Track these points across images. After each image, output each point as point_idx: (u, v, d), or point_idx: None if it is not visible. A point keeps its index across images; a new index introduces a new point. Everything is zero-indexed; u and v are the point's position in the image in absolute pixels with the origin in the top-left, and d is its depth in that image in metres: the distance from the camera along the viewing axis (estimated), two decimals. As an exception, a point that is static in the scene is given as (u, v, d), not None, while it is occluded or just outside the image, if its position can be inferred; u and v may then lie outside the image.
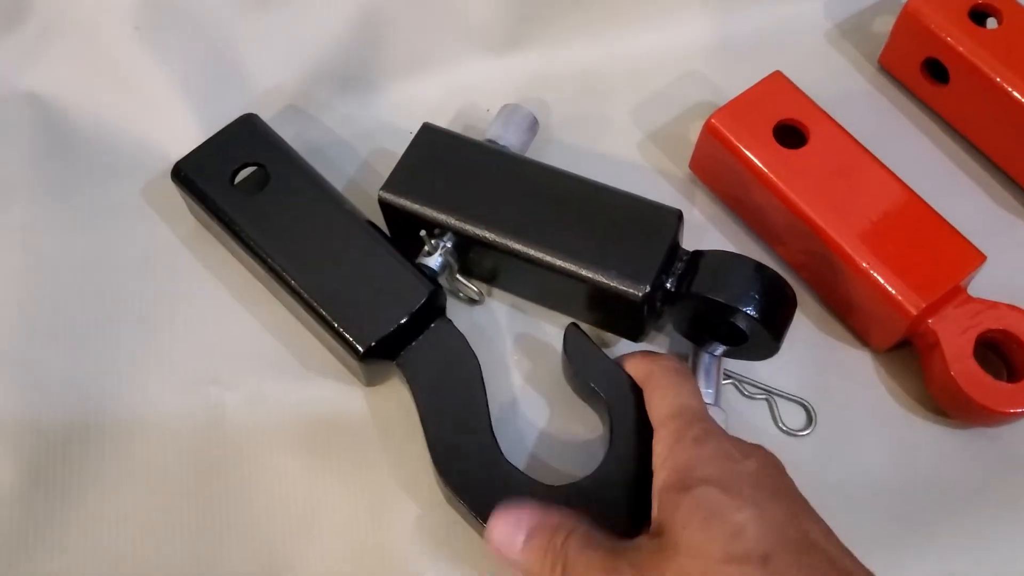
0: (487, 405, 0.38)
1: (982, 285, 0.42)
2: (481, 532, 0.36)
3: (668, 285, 0.38)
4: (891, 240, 0.40)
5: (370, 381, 0.41)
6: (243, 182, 0.42)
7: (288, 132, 0.46)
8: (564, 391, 0.41)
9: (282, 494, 0.40)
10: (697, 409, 0.35)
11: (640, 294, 0.37)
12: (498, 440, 0.38)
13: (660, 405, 0.35)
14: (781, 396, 0.42)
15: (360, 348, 0.38)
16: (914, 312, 0.39)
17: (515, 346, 0.43)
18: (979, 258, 0.40)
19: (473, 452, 0.37)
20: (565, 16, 0.49)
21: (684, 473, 0.32)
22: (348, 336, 0.38)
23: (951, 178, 0.47)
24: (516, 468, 0.37)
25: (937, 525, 0.39)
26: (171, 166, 0.43)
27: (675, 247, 0.39)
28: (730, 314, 0.37)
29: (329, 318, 0.39)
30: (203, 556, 0.39)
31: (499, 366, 0.42)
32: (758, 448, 0.34)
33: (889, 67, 0.49)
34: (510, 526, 0.33)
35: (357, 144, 0.47)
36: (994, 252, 0.44)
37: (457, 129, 0.47)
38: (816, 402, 0.42)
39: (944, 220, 0.41)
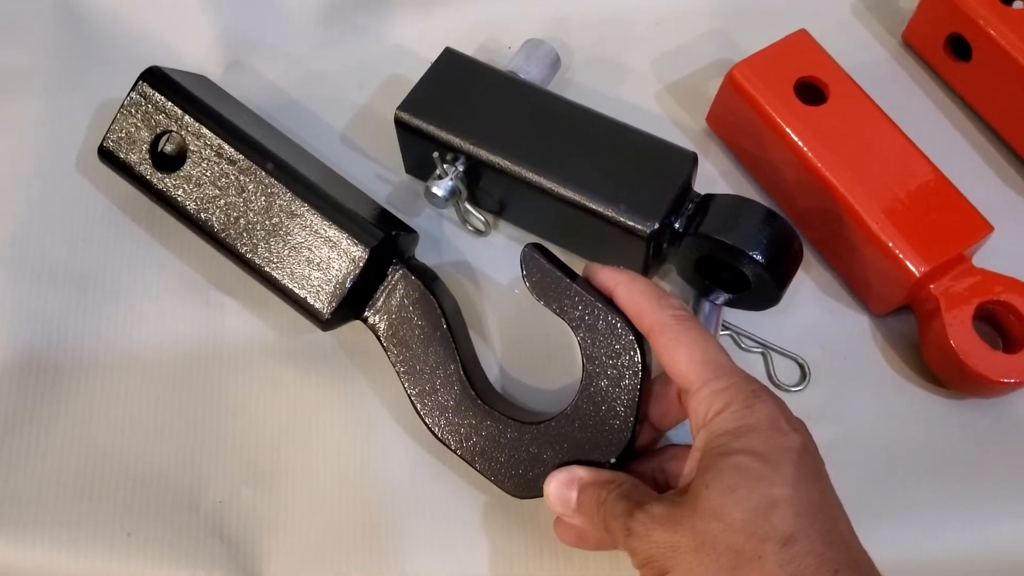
0: (456, 350, 0.38)
1: (986, 259, 0.43)
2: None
3: (676, 225, 0.38)
4: (901, 202, 0.40)
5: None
6: (165, 155, 0.41)
7: (304, 49, 0.46)
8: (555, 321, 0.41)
9: (274, 405, 0.40)
10: (733, 367, 0.33)
11: (648, 230, 0.37)
12: (487, 375, 0.39)
13: (687, 360, 0.33)
14: (777, 351, 0.42)
15: (323, 319, 0.38)
16: (917, 274, 0.39)
17: (516, 281, 0.43)
18: (986, 228, 0.40)
19: (449, 398, 0.37)
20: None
21: (727, 440, 0.30)
22: (305, 309, 0.38)
23: (963, 156, 0.47)
24: (492, 410, 0.37)
25: (921, 491, 0.40)
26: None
27: (687, 188, 0.39)
28: (736, 257, 0.37)
29: (286, 290, 0.38)
30: (192, 457, 0.39)
31: (499, 300, 0.42)
32: (802, 423, 0.32)
33: (912, 43, 0.49)
34: (563, 485, 0.34)
35: (378, 68, 0.47)
36: (1000, 229, 0.44)
37: (479, 63, 0.48)
38: (812, 361, 0.42)
39: (955, 188, 0.41)
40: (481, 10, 0.49)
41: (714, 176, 0.46)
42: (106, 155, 0.41)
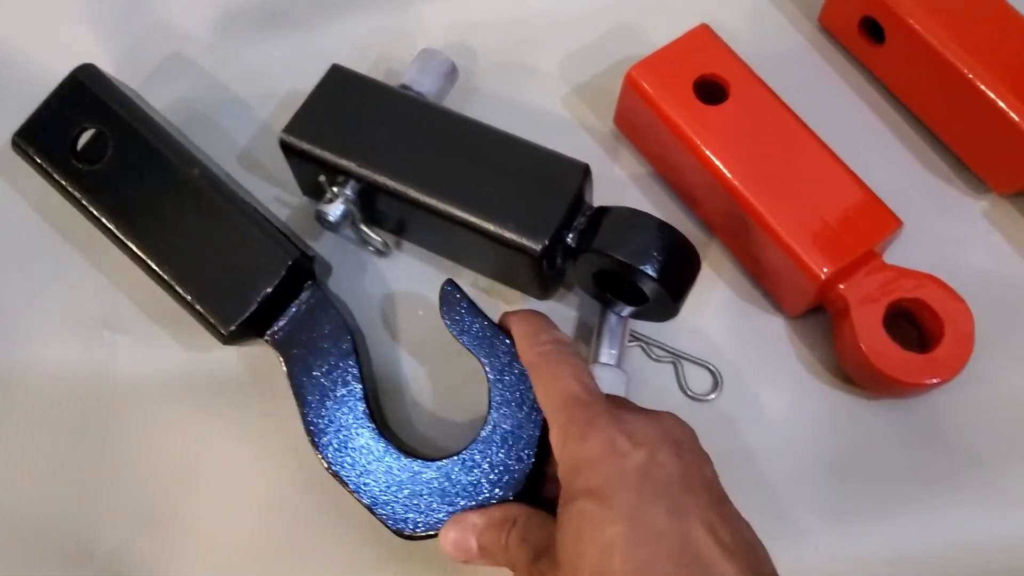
0: (362, 377, 0.37)
1: (905, 251, 0.42)
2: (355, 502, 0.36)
3: (569, 240, 0.37)
4: (804, 202, 0.39)
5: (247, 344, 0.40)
6: (86, 151, 0.39)
7: (200, 70, 0.45)
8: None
9: (168, 447, 0.39)
10: (579, 395, 0.31)
11: (538, 248, 0.36)
12: (386, 403, 0.38)
13: (544, 399, 0.32)
14: (689, 360, 0.41)
15: (223, 332, 0.37)
16: (822, 276, 0.37)
17: (420, 302, 0.42)
18: (894, 224, 0.39)
19: (348, 429, 0.36)
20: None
21: (569, 480, 0.30)
22: (209, 320, 0.37)
23: (883, 141, 0.46)
24: (393, 446, 0.36)
25: (839, 494, 0.39)
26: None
27: (578, 202, 0.37)
28: (629, 272, 0.36)
29: (189, 300, 0.37)
30: (85, 504, 0.38)
31: (401, 322, 0.41)
32: (657, 422, 0.31)
33: (828, 26, 0.47)
34: (461, 532, 0.33)
35: (275, 84, 0.46)
36: (920, 217, 0.43)
37: (379, 74, 0.46)
38: (726, 367, 0.41)
39: (862, 183, 0.39)
40: (383, 19, 0.47)
41: (623, 180, 0.45)
42: (23, 141, 0.40)
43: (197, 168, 0.39)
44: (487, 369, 0.36)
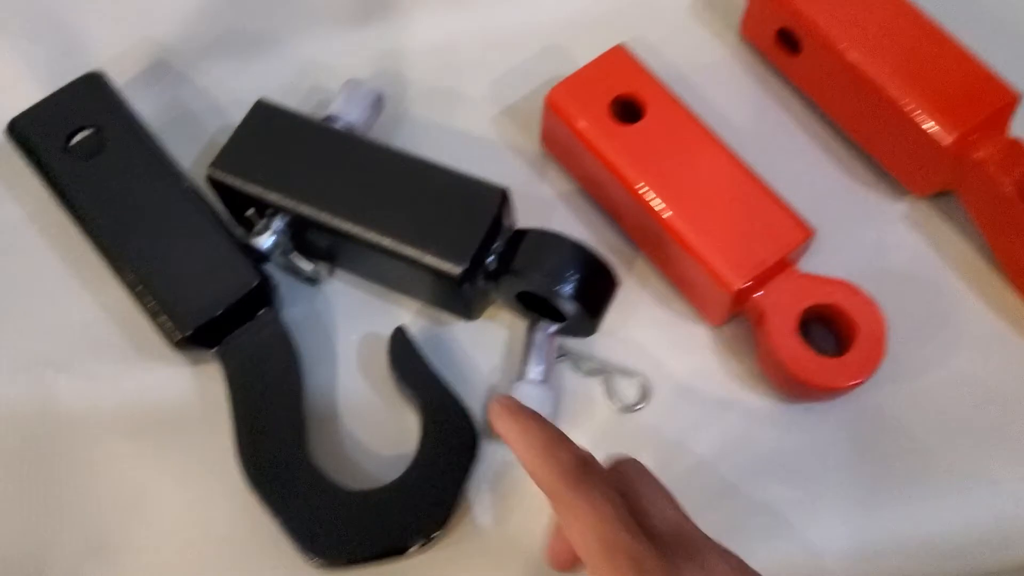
0: (301, 405, 0.38)
1: (828, 256, 0.43)
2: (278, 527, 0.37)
3: (489, 264, 0.38)
4: (718, 215, 0.40)
5: (194, 360, 0.41)
6: (79, 146, 0.42)
7: (146, 95, 0.46)
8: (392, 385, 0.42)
9: (114, 479, 0.40)
10: (626, 543, 0.27)
11: (458, 272, 0.37)
12: (314, 432, 0.39)
13: (579, 539, 0.28)
14: (617, 372, 0.42)
15: (175, 335, 0.38)
16: (735, 286, 0.39)
17: (356, 330, 0.43)
18: (804, 233, 0.40)
19: (280, 454, 0.38)
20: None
21: None
22: (166, 320, 0.38)
23: (804, 149, 0.47)
24: (319, 471, 0.37)
25: (766, 500, 0.40)
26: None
27: (497, 226, 0.38)
28: (547, 292, 0.38)
29: (149, 298, 0.39)
30: (32, 538, 0.39)
31: (336, 350, 0.42)
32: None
33: (749, 37, 0.48)
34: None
35: (206, 118, 0.47)
36: (842, 222, 0.45)
37: (310, 105, 0.47)
38: (654, 377, 0.42)
39: (773, 195, 0.40)
40: (312, 50, 0.48)
41: (552, 199, 0.46)
42: (22, 125, 0.42)
43: (186, 181, 0.41)
44: (422, 411, 0.38)
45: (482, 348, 0.42)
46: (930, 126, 0.41)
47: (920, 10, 0.44)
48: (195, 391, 0.42)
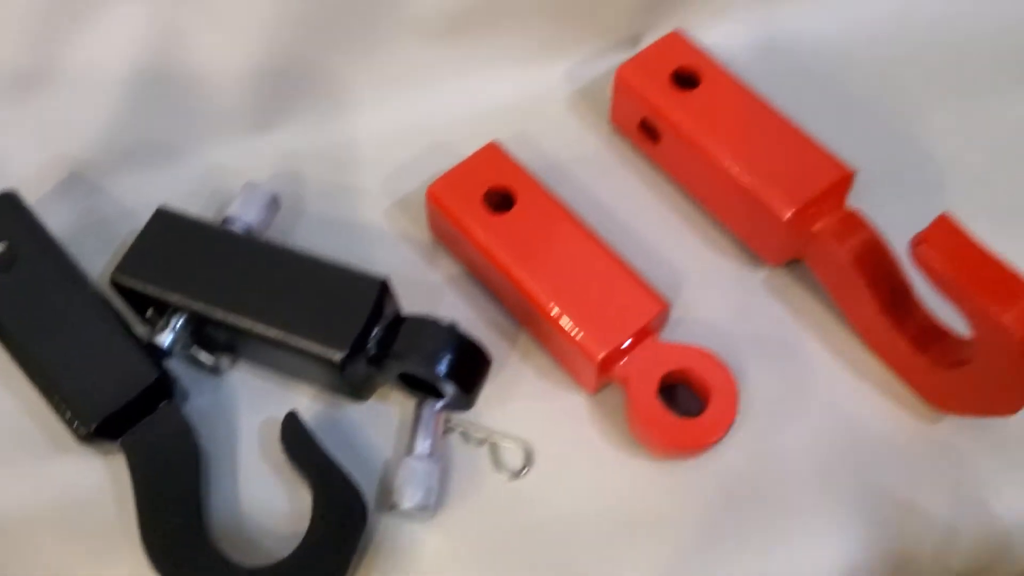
0: (199, 490, 0.41)
1: (693, 324, 0.47)
2: None
3: (370, 349, 0.42)
4: (582, 293, 0.44)
5: (105, 452, 0.44)
6: None
7: (61, 205, 0.50)
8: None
9: (28, 566, 0.42)
10: None
11: (339, 358, 0.41)
12: (216, 513, 0.42)
13: None
14: (502, 440, 0.45)
15: (80, 430, 0.41)
16: (598, 356, 0.42)
17: (257, 415, 0.46)
18: (660, 306, 0.44)
19: (181, 536, 0.40)
20: (317, 96, 0.53)
21: None
22: (72, 417, 0.41)
23: (671, 226, 0.51)
24: (220, 552, 0.40)
25: (640, 555, 0.43)
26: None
27: (377, 313, 0.42)
28: (424, 373, 0.41)
29: (56, 398, 0.42)
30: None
31: (239, 435, 0.45)
32: None
33: (618, 127, 0.53)
34: None
35: (119, 223, 0.50)
36: (706, 292, 0.49)
37: (214, 206, 0.51)
38: (536, 444, 0.45)
39: (631, 272, 0.44)
40: (214, 156, 0.52)
41: (441, 283, 0.49)
42: None
43: (91, 288, 0.45)
44: (313, 489, 0.41)
45: (375, 427, 0.46)
46: (772, 202, 0.45)
47: (764, 99, 0.49)
48: (108, 480, 0.44)
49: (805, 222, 0.45)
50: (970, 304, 0.38)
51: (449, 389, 0.41)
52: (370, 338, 0.42)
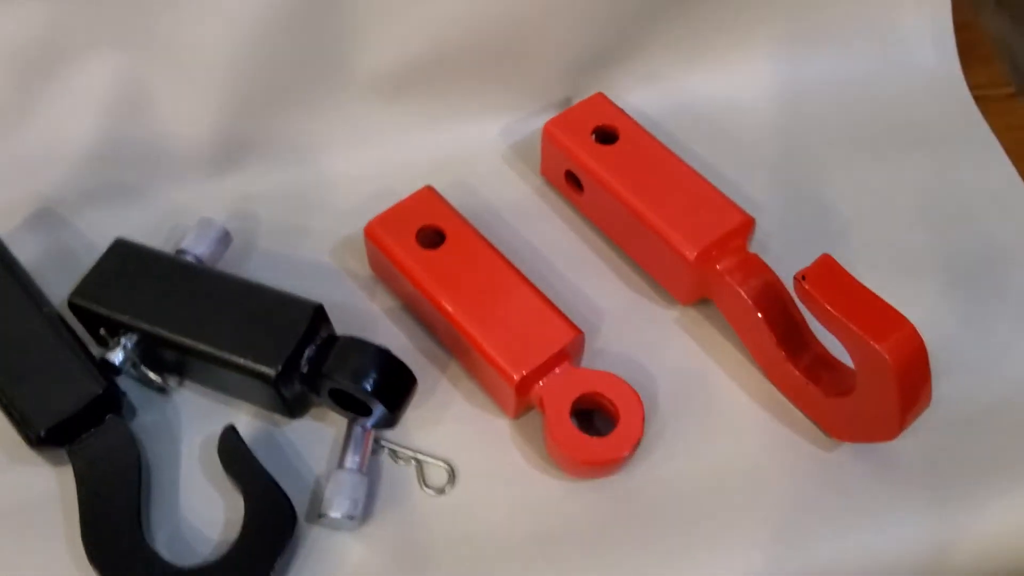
0: (139, 497, 0.44)
1: (609, 356, 0.51)
2: None
3: (303, 366, 0.45)
4: (502, 321, 0.48)
5: (54, 461, 0.47)
6: None
7: (30, 236, 0.54)
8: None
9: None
10: None
11: (273, 373, 0.44)
12: (156, 519, 0.46)
13: None
14: (427, 459, 0.49)
15: (31, 435, 0.44)
16: (516, 377, 0.46)
17: (200, 432, 0.49)
18: (574, 332, 0.48)
19: (119, 537, 0.43)
20: (272, 144, 0.58)
21: None
22: (22, 423, 0.44)
23: (593, 268, 0.55)
24: (156, 553, 0.43)
25: (554, 568, 0.46)
26: None
27: (310, 334, 0.46)
28: (352, 389, 0.45)
29: (9, 406, 0.45)
30: None
31: (181, 449, 0.49)
32: None
33: (547, 177, 0.58)
34: None
35: (83, 255, 0.53)
36: (623, 327, 0.53)
37: (173, 241, 0.55)
38: (461, 464, 0.49)
39: (549, 303, 0.49)
40: (175, 196, 0.57)
41: (379, 314, 0.53)
42: None
43: (48, 307, 0.48)
44: (245, 496, 0.45)
45: (309, 445, 0.49)
46: (679, 244, 0.50)
47: (675, 154, 0.54)
48: (57, 487, 0.47)
49: (709, 262, 0.50)
50: (849, 335, 0.43)
51: (375, 404, 0.45)
52: (303, 357, 0.45)
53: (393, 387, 0.45)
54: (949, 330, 0.53)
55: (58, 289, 0.51)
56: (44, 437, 0.44)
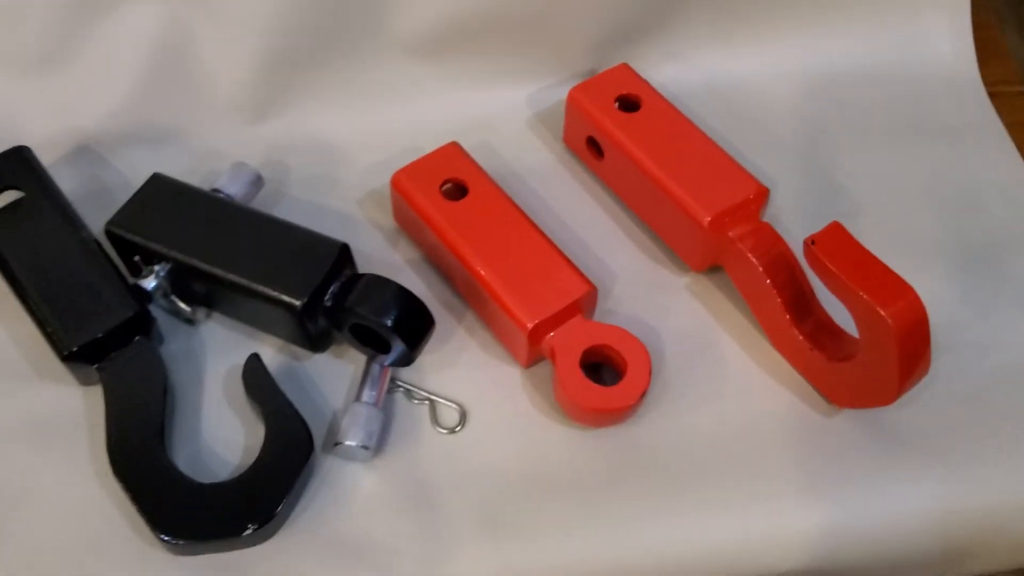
0: (163, 413, 0.46)
1: (621, 318, 0.53)
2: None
3: (327, 300, 0.47)
4: (519, 272, 0.50)
5: (82, 381, 0.49)
6: (4, 205, 0.51)
7: (70, 171, 0.56)
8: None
9: (1, 478, 0.47)
10: None
11: (299, 304, 0.46)
12: (178, 438, 0.48)
13: None
14: (440, 401, 0.50)
15: (63, 349, 0.46)
16: (529, 325, 0.48)
17: (224, 363, 0.51)
18: (587, 286, 0.49)
19: (142, 451, 0.45)
20: (306, 96, 0.60)
21: None
22: (56, 338, 0.47)
23: (610, 232, 0.57)
24: (176, 468, 0.45)
25: (557, 509, 0.47)
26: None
27: (336, 271, 0.48)
28: (373, 323, 0.46)
29: (47, 321, 0.47)
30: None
31: (205, 377, 0.51)
32: None
33: (569, 144, 0.60)
34: None
35: (119, 192, 0.56)
36: (636, 291, 0.55)
37: (205, 186, 0.57)
38: (472, 408, 0.50)
39: (565, 258, 0.50)
40: (211, 141, 0.59)
41: (401, 264, 0.55)
42: None
43: (86, 232, 0.50)
44: (265, 420, 0.47)
45: (329, 380, 0.51)
46: (694, 209, 0.52)
47: (695, 122, 0.56)
48: (83, 406, 0.49)
49: (722, 228, 0.52)
50: (855, 299, 0.44)
51: (395, 340, 0.47)
52: (328, 292, 0.47)
53: (413, 325, 0.47)
54: (952, 309, 0.54)
55: (92, 222, 0.53)
56: (76, 352, 0.46)
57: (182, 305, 0.50)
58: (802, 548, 0.48)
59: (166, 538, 0.43)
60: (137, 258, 0.49)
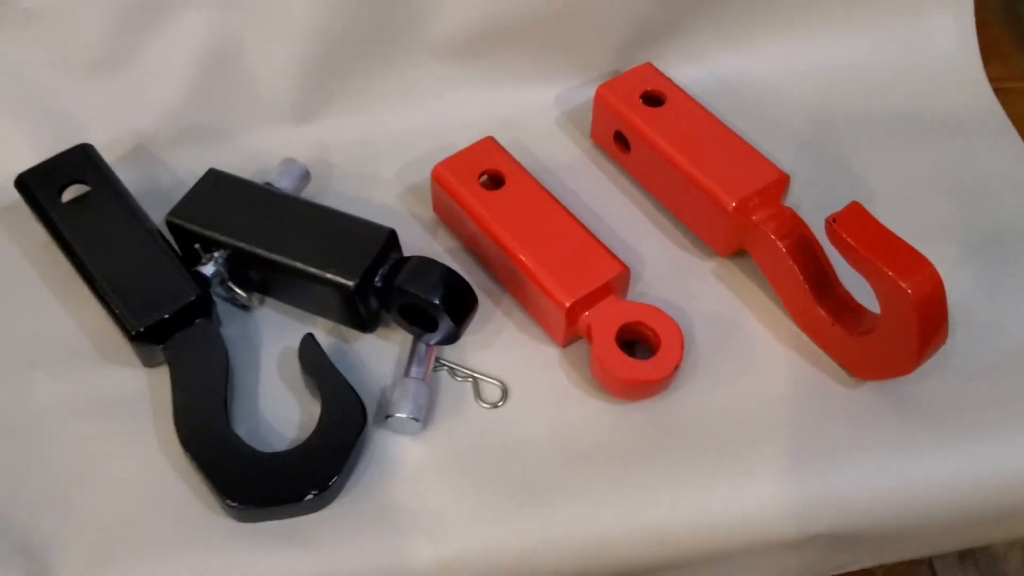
0: (226, 388, 0.49)
1: (650, 301, 0.55)
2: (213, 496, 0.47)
3: (377, 281, 0.50)
4: (555, 254, 0.53)
5: (146, 362, 0.52)
6: (72, 197, 0.54)
7: (127, 170, 0.59)
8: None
9: (75, 452, 0.50)
10: None
11: (352, 285, 0.49)
12: (238, 413, 0.51)
13: None
14: (483, 378, 0.53)
15: (132, 330, 0.49)
16: (566, 303, 0.51)
17: (278, 345, 0.54)
18: (620, 267, 0.52)
19: (207, 423, 0.48)
20: (347, 98, 0.63)
21: None
22: (124, 320, 0.50)
23: (638, 222, 0.60)
24: (240, 439, 0.48)
25: (594, 479, 0.50)
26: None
27: (385, 254, 0.51)
28: (421, 302, 0.49)
29: (115, 305, 0.50)
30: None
31: (260, 359, 0.54)
32: None
33: (596, 140, 0.63)
34: None
35: (173, 190, 0.59)
36: (663, 276, 0.58)
37: (261, 179, 0.60)
38: (512, 384, 0.53)
39: (598, 241, 0.54)
40: (259, 141, 0.62)
41: (441, 253, 0.58)
42: (25, 182, 0.55)
43: (150, 223, 0.54)
44: (321, 394, 0.49)
45: (378, 359, 0.54)
46: (719, 194, 0.55)
47: (716, 116, 0.59)
48: (147, 387, 0.52)
49: (747, 213, 0.55)
50: (875, 273, 0.47)
51: (442, 316, 0.50)
52: (378, 273, 0.50)
53: (459, 302, 0.50)
54: (965, 290, 0.57)
55: (150, 216, 0.56)
56: (143, 333, 0.49)
57: (239, 291, 0.53)
58: (828, 513, 0.50)
59: (233, 504, 0.46)
60: (197, 246, 0.52)
